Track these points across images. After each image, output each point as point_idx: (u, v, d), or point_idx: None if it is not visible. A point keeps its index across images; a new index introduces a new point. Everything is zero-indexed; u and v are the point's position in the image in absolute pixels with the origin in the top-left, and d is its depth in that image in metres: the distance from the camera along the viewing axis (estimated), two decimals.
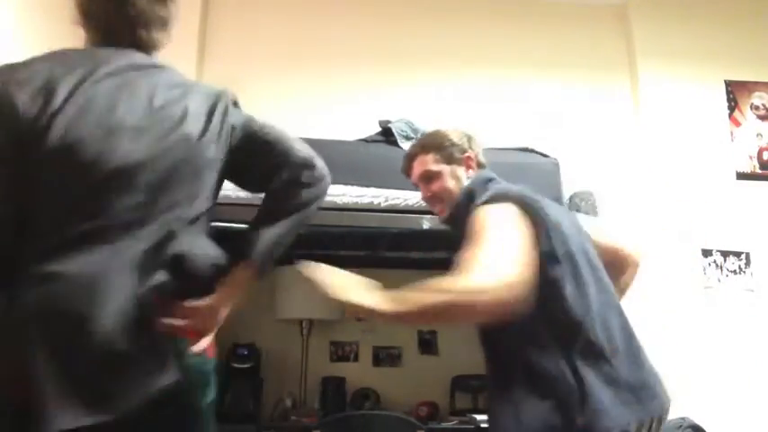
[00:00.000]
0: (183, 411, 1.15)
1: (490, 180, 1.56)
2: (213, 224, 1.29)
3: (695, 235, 3.18)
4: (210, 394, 1.23)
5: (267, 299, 3.15)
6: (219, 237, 1.26)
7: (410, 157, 1.69)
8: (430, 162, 1.63)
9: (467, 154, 1.62)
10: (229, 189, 2.30)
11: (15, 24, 2.54)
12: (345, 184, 2.39)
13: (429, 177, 1.63)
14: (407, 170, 1.71)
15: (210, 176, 1.23)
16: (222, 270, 1.21)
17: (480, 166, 1.64)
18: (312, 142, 2.46)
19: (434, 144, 1.65)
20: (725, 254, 3.18)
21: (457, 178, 1.60)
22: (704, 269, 3.15)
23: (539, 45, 3.55)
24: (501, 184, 1.53)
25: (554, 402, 1.21)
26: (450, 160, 1.62)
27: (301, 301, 3.09)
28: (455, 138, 1.64)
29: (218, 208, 2.18)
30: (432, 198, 1.65)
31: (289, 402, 3.01)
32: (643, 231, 3.13)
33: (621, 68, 3.55)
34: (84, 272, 1.04)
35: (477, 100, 3.38)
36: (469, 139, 1.66)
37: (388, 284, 1.55)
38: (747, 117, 3.44)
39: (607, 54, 3.55)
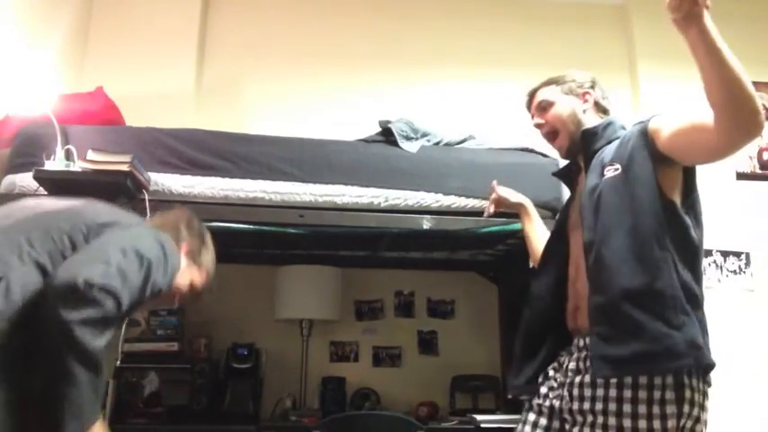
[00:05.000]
0: None
1: (623, 127, 1.62)
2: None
3: None
4: None
5: (267, 299, 3.15)
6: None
7: (532, 91, 1.78)
8: (548, 92, 1.72)
9: (584, 90, 1.70)
10: (229, 190, 2.33)
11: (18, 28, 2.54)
12: (345, 184, 2.39)
13: (544, 107, 1.72)
14: (529, 103, 1.79)
15: None
16: None
17: (601, 109, 1.70)
18: (312, 142, 2.49)
19: (556, 78, 1.74)
20: (725, 254, 3.17)
21: (572, 110, 1.68)
22: (704, 269, 3.15)
23: (539, 45, 3.54)
24: None
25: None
26: (568, 92, 1.70)
27: (301, 301, 3.09)
28: (577, 76, 1.72)
29: (218, 208, 2.19)
30: (543, 126, 1.72)
31: (289, 402, 3.00)
32: None
33: (621, 68, 3.55)
34: None
35: (477, 100, 3.38)
36: (593, 81, 1.73)
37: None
38: None
39: (607, 54, 3.55)
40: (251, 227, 2.38)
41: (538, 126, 1.75)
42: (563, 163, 2.63)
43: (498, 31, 3.58)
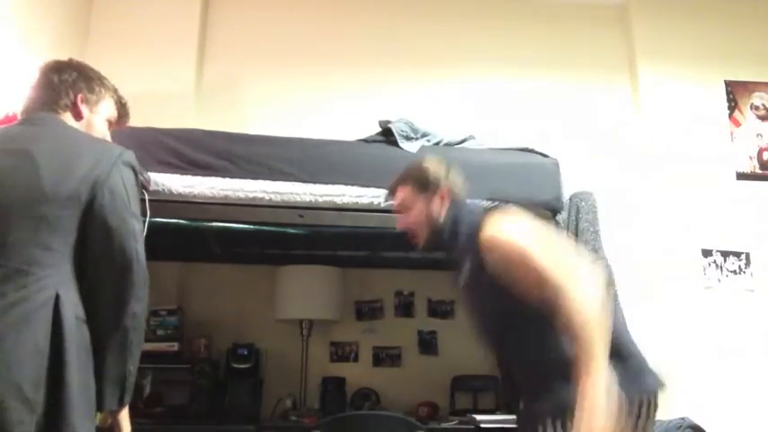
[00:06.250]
0: None
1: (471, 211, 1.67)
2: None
3: (695, 235, 3.18)
4: None
5: (267, 299, 3.15)
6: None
7: (391, 189, 1.83)
8: (406, 194, 1.76)
9: (441, 186, 1.71)
10: (229, 190, 2.33)
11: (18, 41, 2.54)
12: (345, 184, 2.39)
13: (403, 209, 1.77)
14: (389, 197, 1.89)
15: None
16: None
17: (455, 196, 1.72)
18: (312, 142, 2.49)
19: (411, 177, 1.77)
20: (725, 254, 3.17)
21: (430, 211, 1.70)
22: (704, 269, 3.15)
23: (539, 45, 3.54)
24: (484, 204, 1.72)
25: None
26: (425, 191, 1.72)
27: (301, 301, 3.09)
28: (432, 170, 1.74)
29: (218, 208, 2.17)
30: (405, 229, 1.77)
31: (289, 402, 3.01)
32: (643, 231, 3.13)
33: (621, 68, 3.55)
34: None
35: (476, 100, 3.38)
36: (447, 170, 1.75)
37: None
38: (747, 117, 3.44)
39: (607, 54, 3.55)
40: (251, 227, 2.39)
41: (399, 226, 1.80)
42: (562, 164, 2.65)
43: (498, 30, 3.57)
